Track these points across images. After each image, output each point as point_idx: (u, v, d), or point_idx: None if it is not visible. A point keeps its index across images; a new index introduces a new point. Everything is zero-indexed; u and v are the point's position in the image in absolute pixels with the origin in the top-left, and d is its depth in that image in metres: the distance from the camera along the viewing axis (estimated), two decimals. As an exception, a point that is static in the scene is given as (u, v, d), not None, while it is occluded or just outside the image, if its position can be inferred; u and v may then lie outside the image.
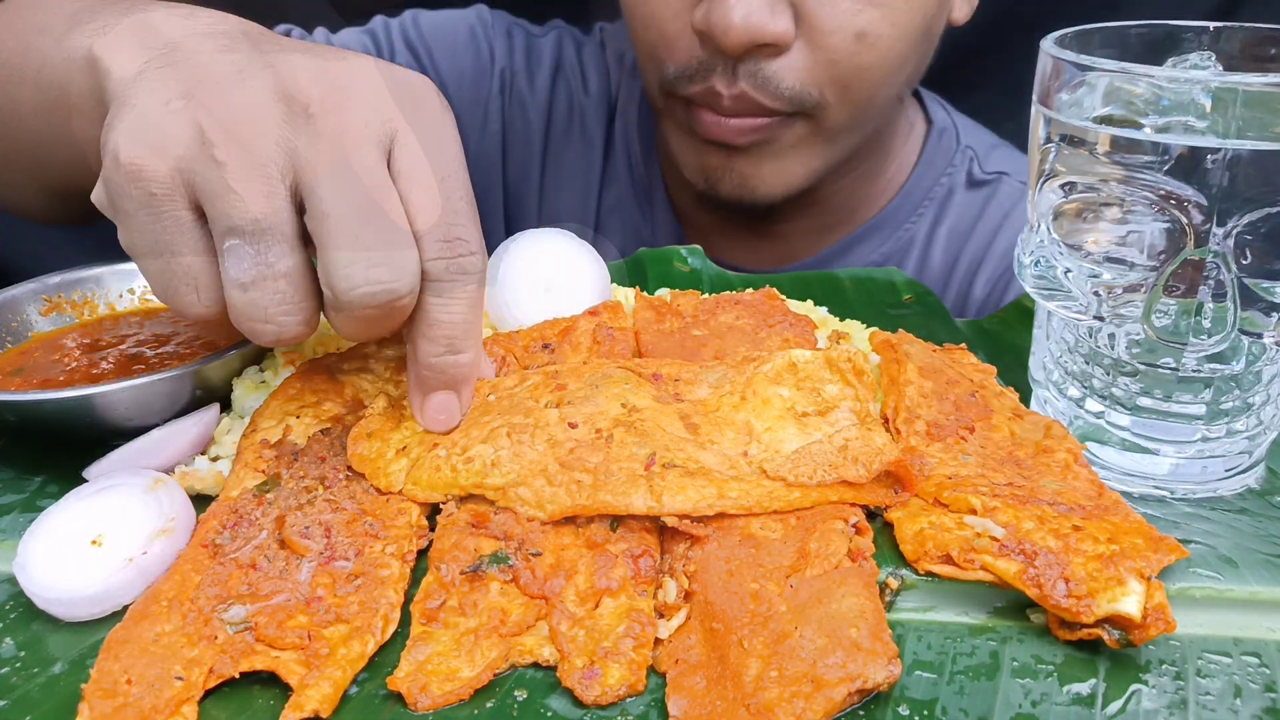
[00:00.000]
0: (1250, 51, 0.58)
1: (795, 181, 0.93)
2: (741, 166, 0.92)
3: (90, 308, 0.75)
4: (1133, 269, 0.54)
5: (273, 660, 0.45)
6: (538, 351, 0.64)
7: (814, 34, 0.82)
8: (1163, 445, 0.57)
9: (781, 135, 0.89)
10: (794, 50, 0.83)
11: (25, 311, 0.72)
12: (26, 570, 0.49)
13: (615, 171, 1.11)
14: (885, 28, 0.82)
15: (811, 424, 0.53)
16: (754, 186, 0.93)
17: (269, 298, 0.48)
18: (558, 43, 1.11)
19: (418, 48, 1.07)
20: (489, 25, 1.09)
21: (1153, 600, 0.45)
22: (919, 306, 0.83)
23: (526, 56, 1.09)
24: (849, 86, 0.85)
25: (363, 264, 0.47)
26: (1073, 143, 0.54)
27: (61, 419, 0.59)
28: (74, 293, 0.74)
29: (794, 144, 0.90)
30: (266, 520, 0.52)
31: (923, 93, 1.09)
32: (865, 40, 0.82)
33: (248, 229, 0.47)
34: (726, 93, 0.85)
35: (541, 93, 1.09)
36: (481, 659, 0.45)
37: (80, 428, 0.60)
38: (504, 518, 0.51)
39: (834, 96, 0.86)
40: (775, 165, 0.91)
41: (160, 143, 0.47)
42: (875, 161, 1.03)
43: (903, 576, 0.50)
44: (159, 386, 0.60)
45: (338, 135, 0.48)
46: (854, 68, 0.84)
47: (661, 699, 0.44)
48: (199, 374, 0.61)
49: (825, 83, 0.85)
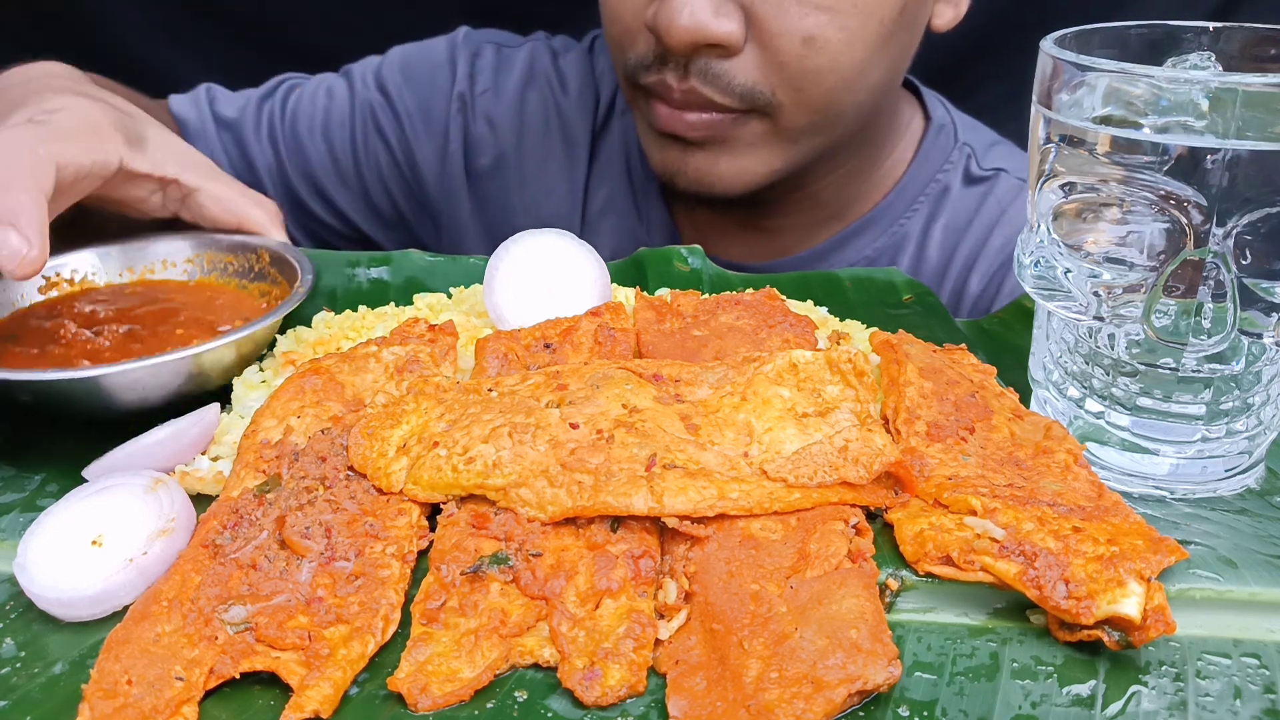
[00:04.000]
0: (1250, 51, 0.58)
1: (754, 179, 0.95)
2: (698, 162, 0.94)
3: (88, 287, 0.76)
4: (1133, 269, 0.54)
5: (273, 660, 0.45)
6: (539, 351, 0.64)
7: (762, 35, 0.84)
8: (1163, 445, 0.57)
9: (737, 133, 0.91)
10: (745, 52, 0.85)
11: (24, 289, 0.73)
12: (26, 570, 0.49)
13: (607, 172, 1.12)
14: (833, 32, 0.84)
15: (812, 425, 0.53)
16: (711, 182, 0.95)
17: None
18: (530, 53, 1.14)
19: (388, 86, 1.14)
20: (458, 49, 1.14)
21: (1152, 601, 0.45)
22: (919, 306, 0.83)
23: (495, 73, 1.13)
24: (802, 89, 0.87)
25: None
26: (1073, 143, 0.54)
27: (73, 398, 0.60)
28: (72, 271, 0.75)
29: (751, 142, 0.92)
30: (267, 520, 0.52)
31: (923, 90, 1.10)
32: (813, 44, 0.84)
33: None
34: (677, 86, 0.87)
35: (511, 101, 1.13)
36: (482, 660, 0.45)
37: (88, 406, 0.61)
38: (504, 518, 0.51)
39: (787, 98, 0.87)
40: (732, 162, 0.93)
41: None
42: (867, 157, 1.03)
43: (903, 577, 0.50)
44: (171, 366, 0.61)
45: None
46: (803, 70, 0.85)
47: (662, 700, 0.44)
48: (205, 356, 0.63)
49: (777, 84, 0.87)
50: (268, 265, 0.76)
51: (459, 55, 1.14)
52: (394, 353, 0.64)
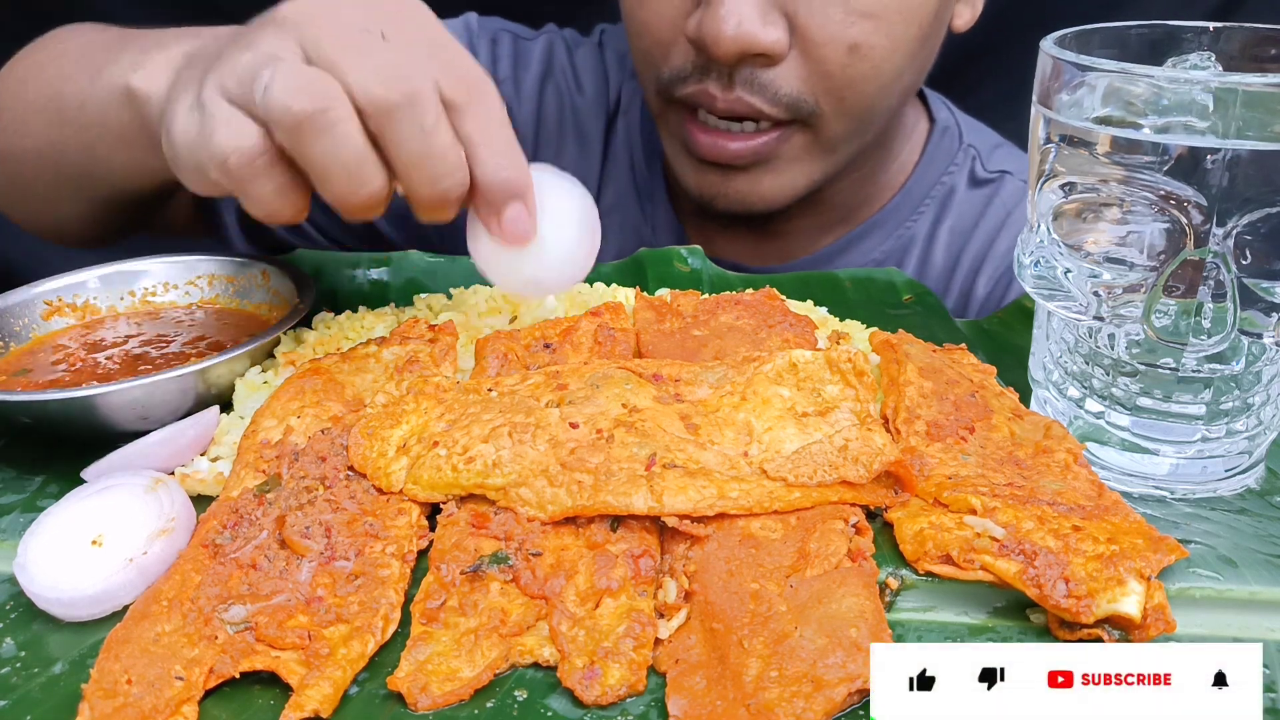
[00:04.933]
0: (1250, 51, 0.58)
1: (795, 192, 0.93)
2: (739, 185, 0.91)
3: (90, 311, 0.75)
4: (1133, 269, 0.54)
5: (273, 660, 0.45)
6: (539, 351, 0.64)
7: (807, 45, 0.82)
8: (1162, 445, 0.57)
9: (780, 150, 0.89)
10: (789, 60, 0.83)
11: (28, 314, 0.73)
12: (27, 570, 0.49)
13: (615, 171, 1.11)
14: (879, 39, 0.82)
15: (812, 424, 0.53)
16: (753, 202, 0.93)
17: (439, 161, 0.55)
18: (548, 46, 1.11)
19: None
20: (475, 34, 1.10)
21: (1152, 600, 0.45)
22: (919, 306, 0.83)
23: (514, 62, 1.10)
24: (844, 98, 0.85)
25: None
26: (1073, 143, 0.54)
27: (72, 418, 0.60)
28: (74, 296, 0.75)
29: (794, 157, 0.90)
30: (267, 520, 0.52)
31: (926, 92, 1.10)
32: (858, 52, 0.82)
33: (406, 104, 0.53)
34: (721, 96, 0.85)
35: (530, 97, 1.10)
36: (482, 659, 0.45)
37: (90, 427, 0.60)
38: (504, 518, 0.51)
39: (830, 106, 0.86)
40: (775, 179, 0.91)
41: (308, 81, 0.52)
42: (876, 161, 1.03)
43: (903, 576, 0.50)
44: (170, 384, 0.60)
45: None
46: (847, 79, 0.84)
47: (661, 699, 0.44)
48: (209, 371, 0.62)
49: (820, 93, 0.85)
50: (269, 284, 0.75)
51: (477, 41, 1.10)
52: (394, 353, 0.64)
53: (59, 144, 0.77)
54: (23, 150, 0.81)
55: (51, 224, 0.89)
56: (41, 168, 0.81)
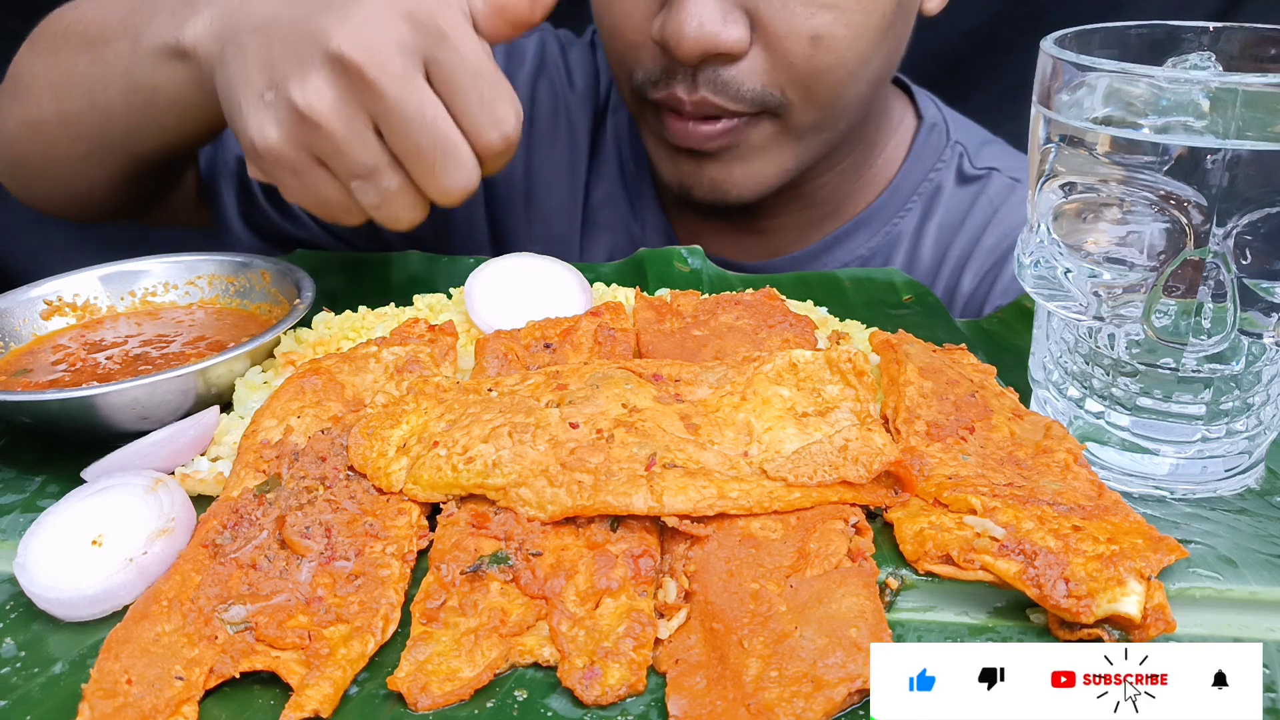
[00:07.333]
0: (1250, 51, 0.58)
1: (768, 181, 0.94)
2: (713, 172, 0.93)
3: (90, 311, 0.75)
4: (1133, 269, 0.54)
5: (273, 660, 0.45)
6: (539, 351, 0.64)
7: (769, 39, 0.83)
8: (1162, 445, 0.57)
9: (749, 136, 0.90)
10: (751, 55, 0.85)
11: (28, 314, 0.73)
12: (27, 570, 0.49)
13: (605, 168, 1.12)
14: (840, 29, 0.83)
15: (812, 424, 0.53)
16: (726, 190, 0.94)
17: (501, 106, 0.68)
18: (541, 43, 1.12)
19: None
20: None
21: (1153, 600, 0.45)
22: (919, 306, 0.83)
23: (506, 59, 1.11)
24: (810, 88, 0.86)
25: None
26: (1073, 143, 0.54)
27: (72, 418, 0.60)
28: (74, 296, 0.75)
29: (762, 144, 0.91)
30: (267, 520, 0.52)
31: (914, 89, 1.10)
32: (821, 43, 0.83)
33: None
34: (687, 98, 0.86)
35: (522, 93, 1.10)
36: (482, 659, 0.45)
37: (90, 427, 0.60)
38: (504, 518, 0.51)
39: (797, 96, 0.87)
40: (745, 167, 0.93)
41: (379, 33, 0.61)
42: (859, 155, 1.04)
43: (903, 576, 0.50)
44: (170, 384, 0.60)
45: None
46: (812, 70, 0.85)
47: (662, 699, 0.44)
48: (209, 371, 0.62)
49: (786, 84, 0.86)
50: (269, 284, 0.76)
51: None
52: (394, 353, 0.64)
53: (104, 108, 0.78)
54: (58, 117, 0.82)
55: (76, 195, 0.89)
56: (80, 134, 0.82)
